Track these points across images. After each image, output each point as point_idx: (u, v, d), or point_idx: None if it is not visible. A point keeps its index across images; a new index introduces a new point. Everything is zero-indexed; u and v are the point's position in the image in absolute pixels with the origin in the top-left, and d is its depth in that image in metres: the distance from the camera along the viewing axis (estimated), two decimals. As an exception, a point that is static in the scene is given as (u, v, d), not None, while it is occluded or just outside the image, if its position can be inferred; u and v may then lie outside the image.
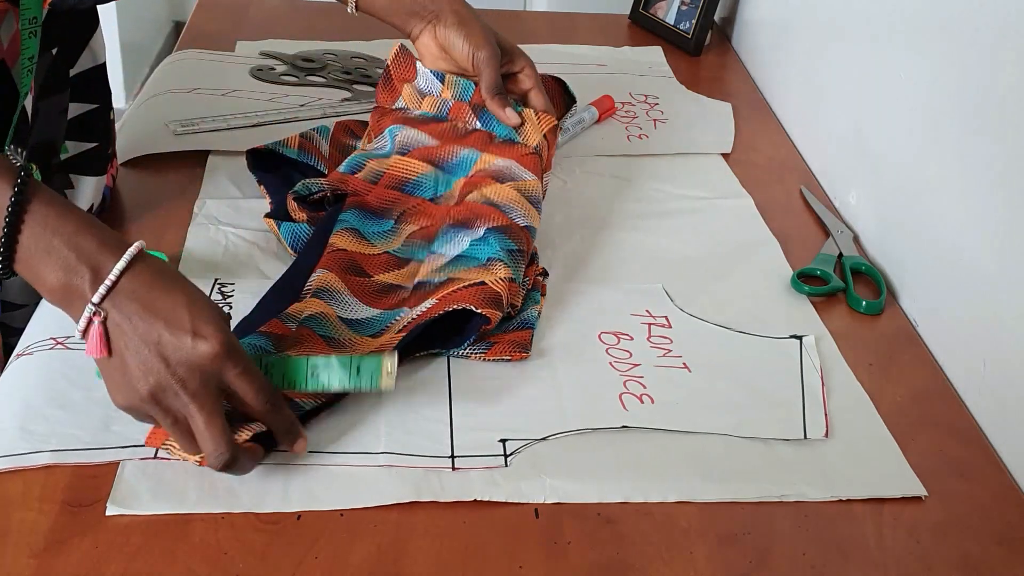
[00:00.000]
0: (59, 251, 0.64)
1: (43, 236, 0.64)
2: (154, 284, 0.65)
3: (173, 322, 0.64)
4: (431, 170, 0.93)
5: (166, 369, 0.64)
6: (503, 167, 0.92)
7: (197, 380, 0.64)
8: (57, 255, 0.64)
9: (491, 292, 0.80)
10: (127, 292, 0.64)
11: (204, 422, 0.64)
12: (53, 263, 0.64)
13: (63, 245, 0.64)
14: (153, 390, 0.64)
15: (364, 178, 0.92)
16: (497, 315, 0.80)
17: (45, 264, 0.64)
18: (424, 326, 0.79)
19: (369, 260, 0.87)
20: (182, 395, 0.64)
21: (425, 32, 0.99)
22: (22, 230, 0.64)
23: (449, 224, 0.89)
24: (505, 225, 0.86)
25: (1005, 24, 0.81)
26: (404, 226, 0.91)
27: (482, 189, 0.90)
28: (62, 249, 0.64)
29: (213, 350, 0.64)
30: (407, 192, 0.92)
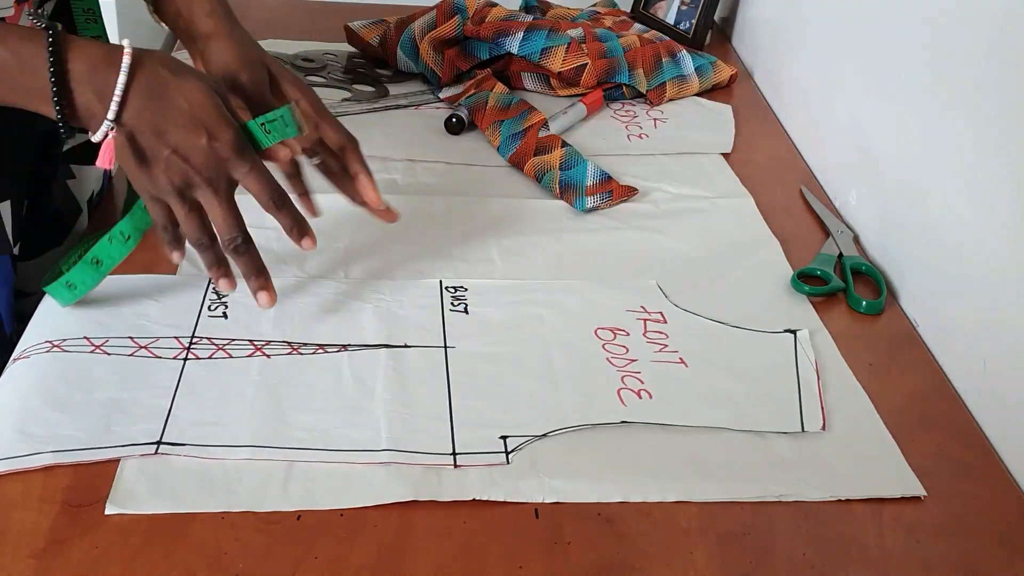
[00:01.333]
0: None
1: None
2: (161, 89, 0.72)
3: (188, 125, 0.72)
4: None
5: (189, 167, 0.72)
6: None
7: (216, 175, 0.73)
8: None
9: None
10: (138, 104, 0.71)
11: (223, 212, 0.74)
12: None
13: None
14: (178, 186, 0.73)
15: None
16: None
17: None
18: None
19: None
20: (204, 189, 0.73)
21: (197, 56, 0.92)
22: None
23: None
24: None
25: (1005, 24, 0.82)
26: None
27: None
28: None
29: (228, 150, 0.73)
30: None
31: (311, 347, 0.81)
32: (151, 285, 0.86)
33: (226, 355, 0.79)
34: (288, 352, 0.80)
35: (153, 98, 0.71)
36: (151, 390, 0.75)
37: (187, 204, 0.74)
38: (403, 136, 1.15)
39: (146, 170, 0.73)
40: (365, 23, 1.32)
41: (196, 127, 0.72)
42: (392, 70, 1.30)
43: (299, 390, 0.76)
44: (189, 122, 0.72)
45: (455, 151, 1.13)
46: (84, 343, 0.78)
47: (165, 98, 0.72)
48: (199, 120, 0.72)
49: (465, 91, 1.22)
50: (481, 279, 0.91)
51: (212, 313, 0.83)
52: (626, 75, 1.26)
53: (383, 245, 0.95)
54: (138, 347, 0.79)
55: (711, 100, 1.31)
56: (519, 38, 1.23)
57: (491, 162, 1.12)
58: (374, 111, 1.20)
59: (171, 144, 0.72)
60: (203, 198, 0.74)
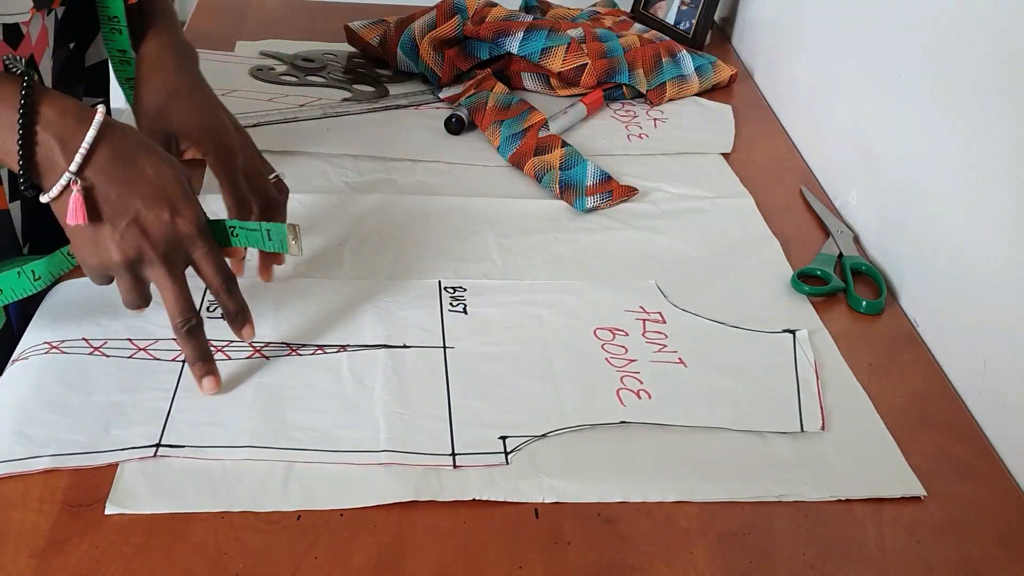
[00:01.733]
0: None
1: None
2: (127, 156, 0.69)
3: (151, 198, 0.69)
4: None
5: (146, 242, 0.69)
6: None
7: (173, 253, 0.70)
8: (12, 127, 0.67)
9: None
10: (102, 163, 0.68)
11: (177, 292, 0.71)
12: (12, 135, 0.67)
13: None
14: (131, 259, 0.70)
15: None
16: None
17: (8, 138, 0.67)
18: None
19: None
20: (159, 266, 0.70)
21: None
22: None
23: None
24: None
25: (1006, 24, 0.82)
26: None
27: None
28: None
29: (190, 228, 0.70)
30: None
31: (310, 348, 0.81)
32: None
33: (225, 357, 0.79)
34: (287, 353, 0.80)
35: (120, 161, 0.69)
36: (150, 392, 0.75)
37: (136, 280, 0.71)
38: (403, 136, 1.15)
39: (97, 237, 0.69)
40: (365, 23, 1.32)
41: (160, 199, 0.69)
42: (392, 70, 1.30)
43: (298, 391, 0.76)
44: (154, 193, 0.69)
45: (455, 151, 1.13)
46: (83, 344, 0.78)
47: (132, 164, 0.69)
48: (164, 193, 0.70)
49: (465, 91, 1.22)
50: (481, 279, 0.91)
51: (211, 315, 0.83)
52: (626, 75, 1.26)
53: (383, 245, 0.95)
54: (137, 349, 0.79)
55: (711, 100, 1.31)
56: (519, 38, 1.23)
57: (491, 162, 1.12)
58: (374, 111, 1.20)
59: (132, 212, 0.69)
60: (155, 275, 0.71)
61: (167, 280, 0.71)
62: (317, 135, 1.13)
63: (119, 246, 0.69)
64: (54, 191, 0.68)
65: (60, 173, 0.67)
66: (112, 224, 0.69)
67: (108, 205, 0.68)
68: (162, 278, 0.71)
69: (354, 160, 1.10)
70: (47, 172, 0.68)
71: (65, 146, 0.67)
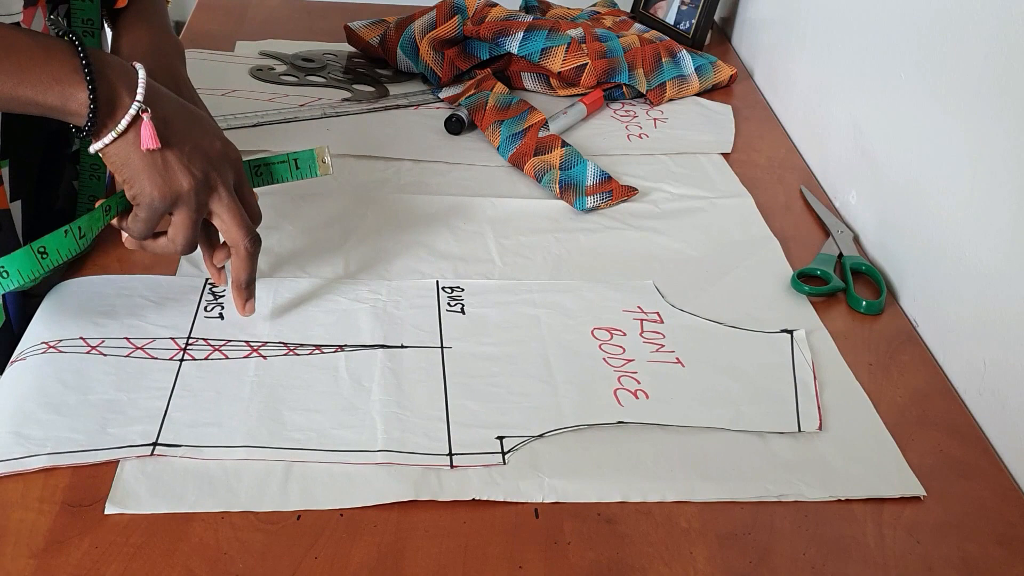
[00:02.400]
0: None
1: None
2: (170, 95, 0.75)
3: (202, 128, 0.74)
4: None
5: (210, 165, 0.74)
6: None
7: (231, 177, 0.75)
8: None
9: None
10: (157, 97, 0.72)
11: (239, 212, 0.76)
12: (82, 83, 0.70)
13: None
14: (199, 181, 0.73)
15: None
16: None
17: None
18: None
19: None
20: (221, 189, 0.74)
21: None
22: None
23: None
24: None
25: (1006, 24, 0.82)
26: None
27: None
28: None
29: (238, 155, 0.76)
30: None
31: (307, 348, 0.81)
32: (147, 286, 0.86)
33: (222, 356, 0.79)
34: (284, 353, 0.80)
35: (167, 96, 0.74)
36: (147, 391, 0.75)
37: (199, 209, 0.74)
38: (403, 136, 1.15)
39: (166, 165, 0.72)
40: (365, 23, 1.32)
41: (210, 131, 0.75)
42: (392, 70, 1.30)
43: (295, 391, 0.76)
44: (203, 126, 0.75)
45: (455, 151, 1.13)
46: (80, 343, 0.78)
47: (177, 102, 0.75)
48: (211, 126, 0.75)
49: (465, 91, 1.22)
50: (480, 279, 0.91)
51: (208, 314, 0.83)
52: (626, 75, 1.26)
53: (382, 245, 0.95)
54: (134, 348, 0.79)
55: (711, 100, 1.31)
56: (519, 38, 1.23)
57: (491, 162, 1.12)
58: (374, 111, 1.20)
59: (192, 139, 0.73)
60: (218, 199, 0.75)
61: (230, 200, 0.75)
62: (317, 135, 1.13)
63: (188, 169, 0.73)
64: (122, 124, 0.71)
65: (127, 107, 0.71)
66: (179, 149, 0.72)
67: (174, 132, 0.72)
68: (224, 198, 0.75)
69: (354, 160, 1.10)
70: (115, 107, 0.71)
71: (127, 83, 0.71)
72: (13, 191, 0.85)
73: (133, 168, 0.72)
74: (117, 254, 0.90)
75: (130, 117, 0.71)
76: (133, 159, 0.72)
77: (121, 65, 0.72)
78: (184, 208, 0.74)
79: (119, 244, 0.91)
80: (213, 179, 0.74)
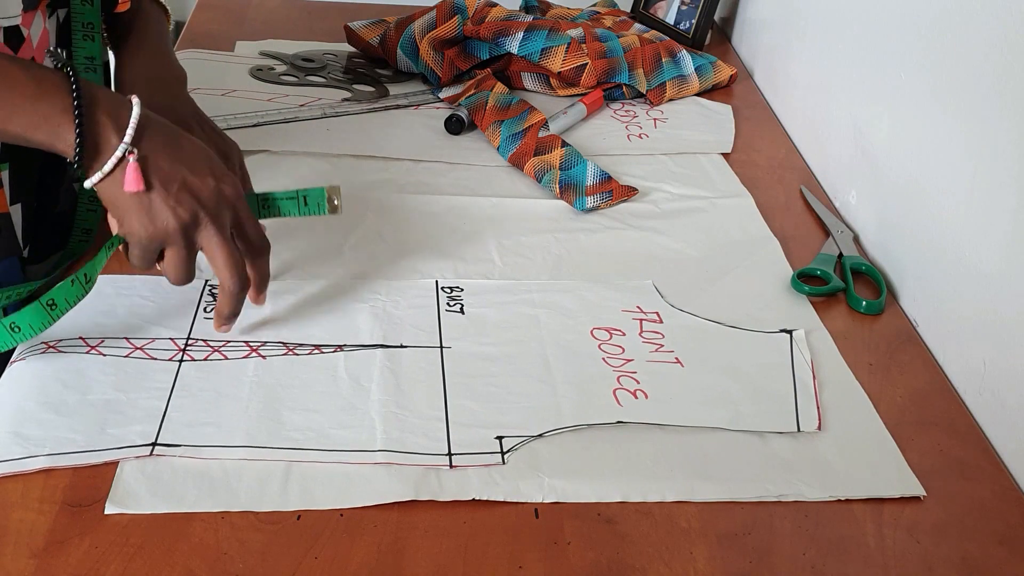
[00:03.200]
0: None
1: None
2: (167, 130, 0.74)
3: (196, 165, 0.73)
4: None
5: (198, 205, 0.73)
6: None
7: (222, 216, 0.74)
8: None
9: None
10: (150, 136, 0.72)
11: (228, 251, 0.75)
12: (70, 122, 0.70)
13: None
14: (186, 222, 0.73)
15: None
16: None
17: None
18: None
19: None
20: (211, 228, 0.73)
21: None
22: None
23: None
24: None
25: (1006, 23, 0.82)
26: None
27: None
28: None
29: (233, 192, 0.75)
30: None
31: (307, 348, 0.81)
32: (147, 286, 0.86)
33: (221, 356, 0.79)
34: (284, 353, 0.80)
35: (164, 135, 0.73)
36: (147, 391, 0.75)
37: (187, 246, 0.74)
38: (403, 136, 1.15)
39: (151, 205, 0.72)
40: (365, 23, 1.32)
41: (204, 167, 0.74)
42: (392, 70, 1.30)
43: (295, 391, 0.76)
44: (198, 162, 0.74)
45: (455, 151, 1.13)
46: (79, 343, 0.78)
47: (175, 139, 0.74)
48: (207, 162, 0.74)
49: (465, 91, 1.22)
50: (480, 279, 0.91)
51: (208, 315, 0.83)
52: (626, 75, 1.26)
53: (383, 245, 0.95)
54: (134, 348, 0.79)
55: (711, 100, 1.31)
56: (519, 38, 1.23)
57: (491, 162, 1.12)
58: (374, 111, 1.20)
59: (180, 178, 0.72)
60: (206, 237, 0.74)
61: (219, 239, 0.74)
62: (317, 135, 1.13)
63: (174, 210, 0.72)
64: (108, 165, 0.70)
65: (113, 148, 0.70)
66: (165, 189, 0.72)
67: (160, 173, 0.72)
68: (213, 237, 0.74)
69: (354, 160, 1.10)
70: (101, 149, 0.71)
71: (116, 123, 0.71)
72: (13, 194, 0.85)
73: (122, 207, 0.73)
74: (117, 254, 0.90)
75: (116, 159, 0.70)
76: (121, 198, 0.72)
77: (113, 103, 0.72)
78: (173, 247, 0.74)
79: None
80: (201, 218, 0.73)
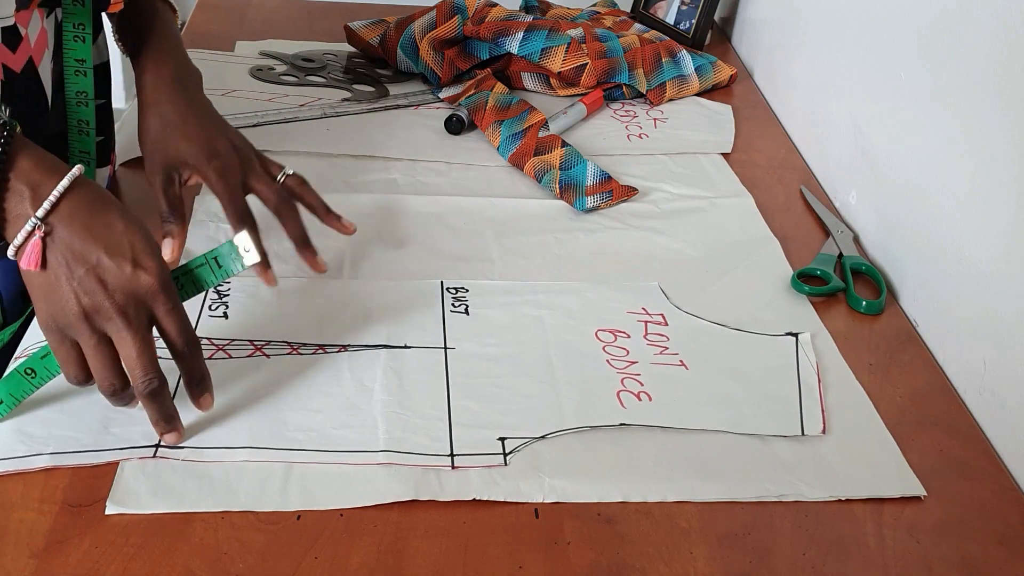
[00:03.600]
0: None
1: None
2: (94, 208, 0.67)
3: (113, 248, 0.67)
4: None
5: (103, 292, 0.66)
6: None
7: (133, 308, 0.67)
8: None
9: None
10: (68, 212, 0.66)
11: (138, 348, 0.67)
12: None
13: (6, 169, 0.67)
14: (88, 310, 0.66)
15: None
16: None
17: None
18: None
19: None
20: (117, 319, 0.66)
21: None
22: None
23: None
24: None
25: (1006, 23, 0.82)
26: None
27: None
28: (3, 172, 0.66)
29: (151, 281, 0.67)
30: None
31: (311, 347, 0.81)
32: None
33: (226, 355, 0.79)
34: (288, 352, 0.80)
35: (87, 212, 0.67)
36: (151, 390, 0.75)
37: (95, 336, 0.67)
38: (403, 136, 1.15)
39: (55, 286, 0.66)
40: (365, 23, 1.32)
41: (123, 251, 0.67)
42: (392, 70, 1.30)
43: (298, 390, 0.76)
44: (117, 244, 0.67)
45: (455, 151, 1.13)
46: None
47: (100, 216, 0.68)
48: (128, 245, 0.67)
49: (465, 91, 1.22)
50: (481, 279, 0.91)
51: (212, 313, 0.83)
52: (626, 75, 1.26)
53: (384, 245, 0.95)
54: (137, 347, 0.79)
55: (711, 100, 1.31)
56: (519, 38, 1.23)
57: (491, 162, 1.12)
58: (374, 111, 1.20)
59: (91, 261, 0.66)
60: (114, 331, 0.67)
61: (124, 333, 0.66)
62: (317, 135, 1.13)
63: (75, 293, 0.66)
64: (19, 238, 0.66)
65: (26, 220, 0.66)
66: (70, 271, 0.66)
67: (69, 253, 0.66)
68: (119, 331, 0.66)
69: (354, 160, 1.10)
70: (13, 220, 0.67)
71: (35, 194, 0.66)
72: None
73: (30, 285, 0.68)
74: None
75: (25, 232, 0.66)
76: (29, 276, 0.68)
77: (42, 171, 0.67)
78: (80, 336, 0.67)
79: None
80: (105, 307, 0.66)
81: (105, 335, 0.67)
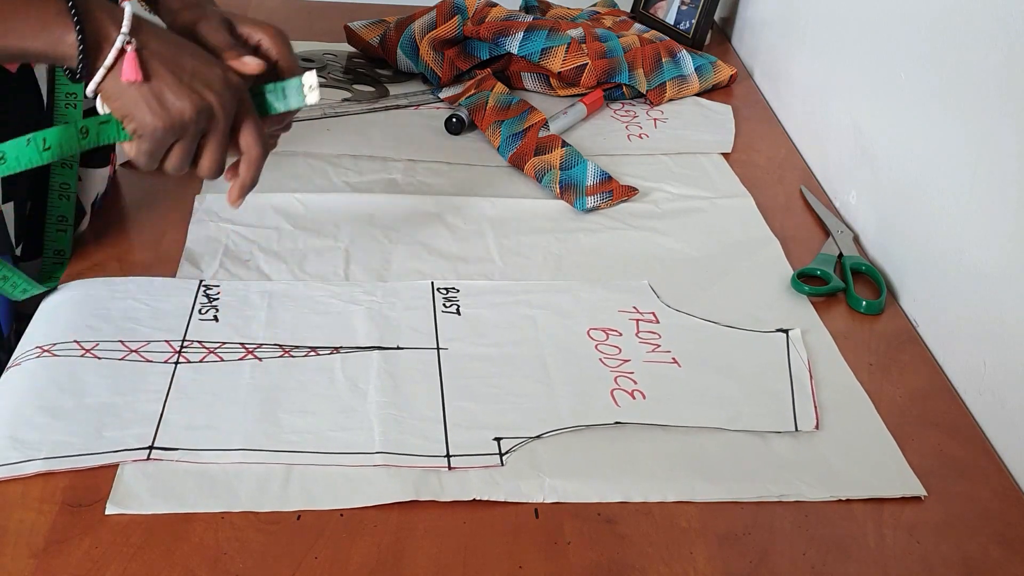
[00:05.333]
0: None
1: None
2: (164, 30, 0.74)
3: (200, 55, 0.73)
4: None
5: (209, 90, 0.72)
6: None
7: (231, 102, 0.73)
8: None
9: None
10: (150, 27, 0.71)
11: (221, 141, 0.74)
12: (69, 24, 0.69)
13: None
14: (200, 108, 0.71)
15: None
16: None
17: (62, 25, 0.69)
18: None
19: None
20: (219, 113, 0.72)
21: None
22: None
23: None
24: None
25: (1007, 23, 0.81)
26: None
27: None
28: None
29: (239, 81, 0.74)
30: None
31: (303, 349, 0.81)
32: (141, 288, 0.85)
33: (217, 359, 0.79)
34: (280, 355, 0.80)
35: (162, 29, 0.73)
36: (142, 394, 0.74)
37: (191, 137, 0.72)
38: (403, 136, 1.15)
39: (161, 94, 0.70)
40: (365, 23, 1.32)
41: (209, 57, 0.74)
42: (392, 70, 1.30)
43: (291, 393, 0.76)
44: (201, 54, 0.73)
45: (455, 151, 1.13)
46: (74, 347, 0.78)
47: (171, 34, 0.74)
48: (208, 57, 0.74)
49: (465, 91, 1.22)
50: (480, 279, 0.91)
51: (203, 316, 0.83)
52: (626, 75, 1.26)
53: (383, 245, 0.95)
54: (129, 351, 0.78)
55: (711, 100, 1.31)
56: (519, 38, 1.23)
57: (491, 162, 1.12)
58: (374, 111, 1.20)
59: (189, 67, 0.72)
60: (213, 129, 0.73)
61: (218, 132, 0.73)
62: (317, 135, 1.13)
63: (189, 97, 0.71)
64: (109, 58, 0.69)
65: (113, 40, 0.69)
66: (176, 76, 0.71)
67: (165, 62, 0.71)
68: (217, 130, 0.73)
69: (354, 160, 1.10)
70: (102, 45, 0.69)
71: (113, 19, 0.69)
72: (5, 193, 0.85)
73: (129, 101, 0.71)
74: (116, 253, 0.90)
75: (116, 50, 0.69)
76: (127, 93, 0.70)
77: (105, 3, 0.71)
78: (186, 137, 0.73)
79: (119, 243, 0.92)
80: (215, 106, 0.72)
81: (201, 130, 0.73)
